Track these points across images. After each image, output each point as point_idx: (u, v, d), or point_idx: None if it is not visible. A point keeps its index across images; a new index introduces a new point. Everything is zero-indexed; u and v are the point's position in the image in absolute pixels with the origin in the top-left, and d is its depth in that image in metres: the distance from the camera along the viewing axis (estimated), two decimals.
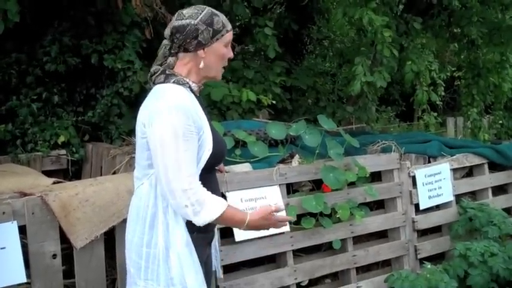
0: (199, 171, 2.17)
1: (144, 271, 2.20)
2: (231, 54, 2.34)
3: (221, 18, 2.25)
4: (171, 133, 2.05)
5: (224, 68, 2.38)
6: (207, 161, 2.19)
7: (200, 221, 2.10)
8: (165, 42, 2.28)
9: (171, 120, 2.06)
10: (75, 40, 4.51)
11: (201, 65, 2.23)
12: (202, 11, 2.22)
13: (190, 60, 2.24)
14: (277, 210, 2.30)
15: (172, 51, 2.26)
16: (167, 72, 2.24)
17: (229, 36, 2.28)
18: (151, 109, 2.12)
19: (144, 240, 2.19)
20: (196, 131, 2.12)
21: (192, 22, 2.18)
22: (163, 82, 2.21)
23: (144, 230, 2.19)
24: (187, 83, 2.23)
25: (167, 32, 2.25)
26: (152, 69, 2.31)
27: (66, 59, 4.42)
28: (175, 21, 2.22)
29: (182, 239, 2.17)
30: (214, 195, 2.15)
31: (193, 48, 2.21)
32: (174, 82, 2.20)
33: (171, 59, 2.26)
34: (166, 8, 4.34)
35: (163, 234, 2.16)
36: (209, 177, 2.28)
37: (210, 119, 2.34)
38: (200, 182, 2.12)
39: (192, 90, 2.26)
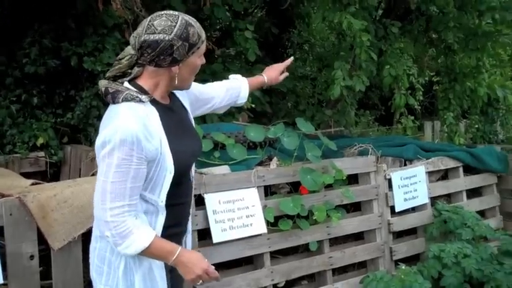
0: (164, 195, 2.11)
1: (105, 276, 2.15)
2: (204, 61, 2.21)
3: (196, 28, 2.08)
4: (106, 163, 1.96)
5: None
6: (172, 180, 2.11)
7: (123, 252, 2.02)
8: (131, 51, 2.09)
9: (110, 150, 1.95)
10: (55, 42, 4.52)
11: (176, 81, 2.12)
12: (176, 23, 2.03)
13: (161, 75, 2.10)
14: (214, 277, 2.16)
15: (139, 62, 2.09)
16: (113, 88, 2.07)
17: (204, 46, 2.15)
18: (100, 135, 2.01)
19: (108, 246, 2.13)
20: (140, 161, 1.99)
21: (166, 38, 2.01)
22: (113, 102, 2.06)
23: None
24: (137, 97, 2.04)
25: (134, 43, 2.06)
26: (109, 75, 2.15)
27: (45, 61, 4.43)
28: (145, 35, 2.02)
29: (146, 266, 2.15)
30: (142, 227, 2.03)
31: (167, 64, 2.06)
32: (123, 100, 2.03)
33: (137, 70, 2.11)
34: (146, 11, 4.36)
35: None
36: (177, 190, 2.18)
37: (182, 122, 2.28)
38: (130, 213, 2.00)
39: (155, 100, 2.13)
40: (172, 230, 2.22)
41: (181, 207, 2.29)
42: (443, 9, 6.39)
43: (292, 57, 3.13)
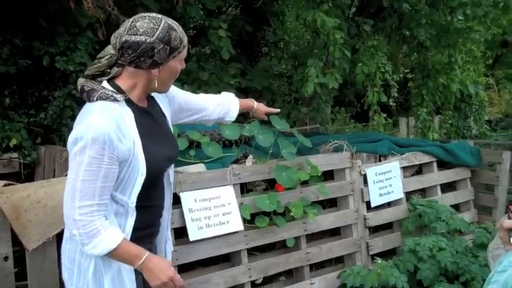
0: (135, 196, 2.10)
1: (76, 278, 2.13)
2: (183, 66, 2.21)
3: (179, 33, 2.08)
4: (77, 160, 1.94)
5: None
6: (144, 182, 2.10)
7: (89, 252, 2.01)
8: (111, 51, 2.08)
9: (81, 148, 1.93)
10: (26, 42, 4.46)
11: (155, 84, 2.11)
12: (159, 26, 2.03)
13: (140, 76, 2.10)
14: (180, 285, 2.15)
15: (119, 62, 2.09)
16: (89, 86, 2.06)
17: (185, 51, 2.15)
18: (73, 132, 1.99)
19: (78, 247, 2.10)
20: (111, 161, 1.98)
21: (148, 40, 2.00)
22: (88, 101, 2.05)
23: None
24: (112, 96, 2.04)
25: (115, 43, 2.05)
26: (87, 73, 2.12)
27: (17, 61, 4.37)
28: (127, 35, 2.01)
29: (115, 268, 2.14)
30: (111, 228, 2.02)
31: (147, 66, 2.06)
32: (97, 99, 2.02)
33: (116, 70, 2.10)
34: (119, 10, 4.33)
35: None
36: (149, 192, 2.19)
37: (159, 127, 2.27)
38: (99, 213, 1.98)
39: (131, 101, 2.12)
40: (142, 232, 2.21)
41: (152, 209, 2.28)
42: (416, 7, 6.45)
43: (279, 110, 3.19)
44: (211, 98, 2.75)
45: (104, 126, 1.94)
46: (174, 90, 2.48)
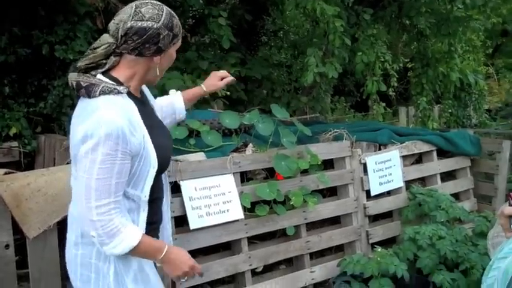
0: (147, 190, 2.06)
1: (94, 284, 2.04)
2: (175, 55, 2.16)
3: (177, 20, 2.06)
4: (89, 159, 1.86)
5: None
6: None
7: (109, 252, 1.93)
8: (109, 39, 1.98)
9: (93, 145, 1.85)
10: (25, 30, 4.45)
11: (156, 72, 2.07)
12: (163, 12, 2.00)
13: (139, 65, 2.03)
14: (199, 272, 2.16)
15: (117, 51, 2.00)
16: (86, 81, 1.96)
17: (181, 38, 2.13)
18: (78, 130, 1.90)
19: (93, 251, 2.02)
20: (125, 156, 1.91)
21: (155, 26, 1.96)
22: (89, 97, 1.94)
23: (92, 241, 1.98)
24: (115, 89, 1.96)
25: (116, 30, 1.97)
26: (81, 65, 2.01)
27: (16, 50, 4.37)
28: (132, 21, 1.95)
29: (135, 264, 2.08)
30: (130, 225, 1.96)
31: (150, 54, 2.00)
32: (100, 93, 1.93)
33: (113, 60, 2.01)
34: None
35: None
36: (154, 185, 2.13)
37: (156, 118, 2.25)
38: (116, 211, 1.91)
39: (130, 93, 2.06)
40: (152, 226, 2.18)
41: (157, 202, 2.25)
42: None
43: (233, 78, 2.89)
44: (158, 101, 2.60)
45: (116, 121, 1.87)
46: None
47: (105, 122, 1.85)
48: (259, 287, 3.67)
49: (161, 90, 4.90)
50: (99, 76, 1.99)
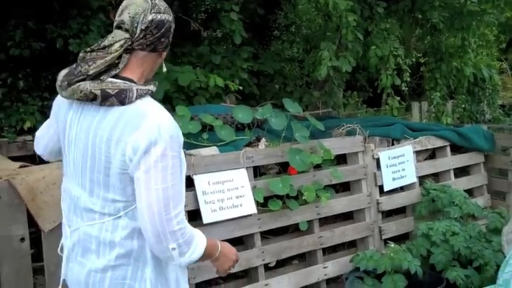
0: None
1: None
2: None
3: None
4: (160, 167, 1.72)
5: None
6: None
7: (185, 261, 1.81)
8: (125, 35, 1.82)
9: (162, 152, 1.72)
10: (39, 24, 4.46)
11: (164, 68, 1.98)
12: (167, 5, 1.91)
13: (149, 61, 1.90)
14: (238, 259, 2.09)
15: (129, 48, 1.83)
16: (113, 88, 1.77)
17: None
18: (144, 136, 1.72)
19: (128, 272, 1.86)
20: (181, 158, 1.84)
21: (169, 18, 1.87)
22: (122, 104, 1.77)
23: (128, 261, 1.85)
24: (148, 89, 1.84)
25: (135, 24, 1.82)
26: (95, 72, 1.79)
27: (30, 44, 4.38)
28: (152, 14, 1.82)
29: (173, 275, 1.96)
30: (194, 229, 1.86)
31: (162, 48, 1.90)
32: (137, 98, 1.79)
33: (126, 57, 1.84)
34: None
35: (153, 269, 1.88)
36: None
37: None
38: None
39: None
40: None
41: None
42: None
43: None
44: None
45: (171, 121, 1.78)
46: None
47: (164, 125, 1.75)
48: (272, 281, 3.67)
49: (176, 85, 4.91)
50: (110, 79, 1.81)
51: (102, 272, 1.86)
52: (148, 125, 1.73)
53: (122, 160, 1.75)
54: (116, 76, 1.82)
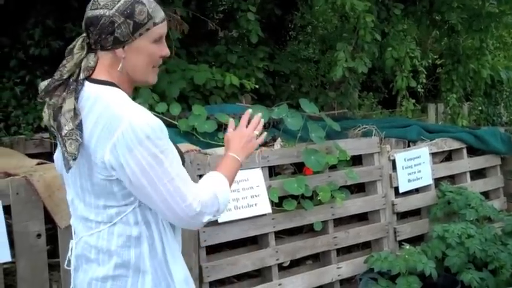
0: None
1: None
2: (165, 52, 1.86)
3: (147, 7, 1.77)
4: (161, 159, 1.68)
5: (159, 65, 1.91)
6: None
7: (223, 209, 1.85)
8: (83, 34, 1.79)
9: (162, 145, 1.70)
10: (58, 23, 4.50)
11: (119, 67, 1.78)
12: None
13: (111, 61, 1.78)
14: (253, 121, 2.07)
15: (91, 47, 1.78)
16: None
17: (158, 30, 1.81)
18: (121, 131, 1.66)
19: (128, 282, 1.81)
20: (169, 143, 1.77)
21: (107, 13, 1.72)
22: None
23: (127, 273, 1.81)
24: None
25: (83, 23, 1.77)
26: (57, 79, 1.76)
27: (49, 43, 4.42)
28: (89, 11, 1.75)
29: (181, 276, 1.89)
30: (208, 181, 1.84)
31: (110, 46, 1.75)
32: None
33: (91, 58, 1.78)
34: None
35: (152, 278, 1.82)
36: None
37: None
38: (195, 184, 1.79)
39: None
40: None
41: None
42: None
43: None
44: None
45: (145, 118, 1.69)
46: None
47: (137, 126, 1.68)
48: (286, 281, 3.67)
49: (192, 84, 4.92)
50: (88, 85, 1.76)
51: (103, 281, 1.83)
52: (124, 130, 1.66)
53: (103, 167, 1.71)
54: (92, 80, 1.78)
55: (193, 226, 1.79)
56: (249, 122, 2.09)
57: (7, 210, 2.68)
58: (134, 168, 1.66)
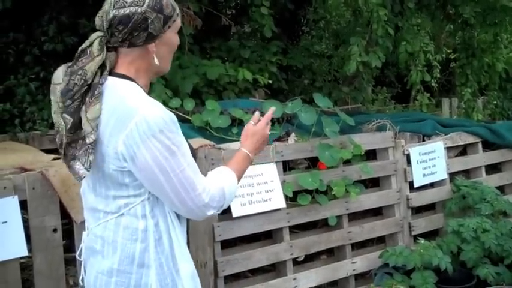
0: None
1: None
2: (179, 41, 1.94)
3: (168, 0, 1.83)
4: (172, 152, 1.71)
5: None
6: None
7: (229, 204, 1.92)
8: (98, 34, 1.77)
9: (173, 137, 1.72)
10: (72, 19, 4.52)
11: (156, 60, 1.82)
12: None
13: (138, 56, 1.81)
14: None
15: (109, 46, 1.78)
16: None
17: (179, 20, 1.88)
18: (140, 130, 1.68)
19: (132, 279, 1.80)
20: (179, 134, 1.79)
21: (139, 10, 1.74)
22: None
23: (131, 268, 1.80)
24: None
25: (101, 23, 1.77)
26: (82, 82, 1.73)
27: (63, 38, 4.44)
28: (114, 10, 1.74)
29: (187, 272, 1.88)
30: (216, 176, 1.88)
31: (143, 42, 1.78)
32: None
33: (111, 56, 1.78)
34: None
35: (157, 273, 1.81)
36: None
37: None
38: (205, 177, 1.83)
39: None
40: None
41: None
42: None
43: None
44: None
45: (157, 111, 1.72)
46: None
47: (151, 118, 1.71)
48: (300, 276, 3.66)
49: (205, 79, 4.93)
50: (111, 79, 1.78)
51: (108, 275, 1.83)
52: (137, 122, 1.68)
53: (115, 158, 1.72)
54: (111, 73, 1.79)
55: (198, 217, 1.84)
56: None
57: (23, 205, 2.69)
58: (147, 158, 1.68)
